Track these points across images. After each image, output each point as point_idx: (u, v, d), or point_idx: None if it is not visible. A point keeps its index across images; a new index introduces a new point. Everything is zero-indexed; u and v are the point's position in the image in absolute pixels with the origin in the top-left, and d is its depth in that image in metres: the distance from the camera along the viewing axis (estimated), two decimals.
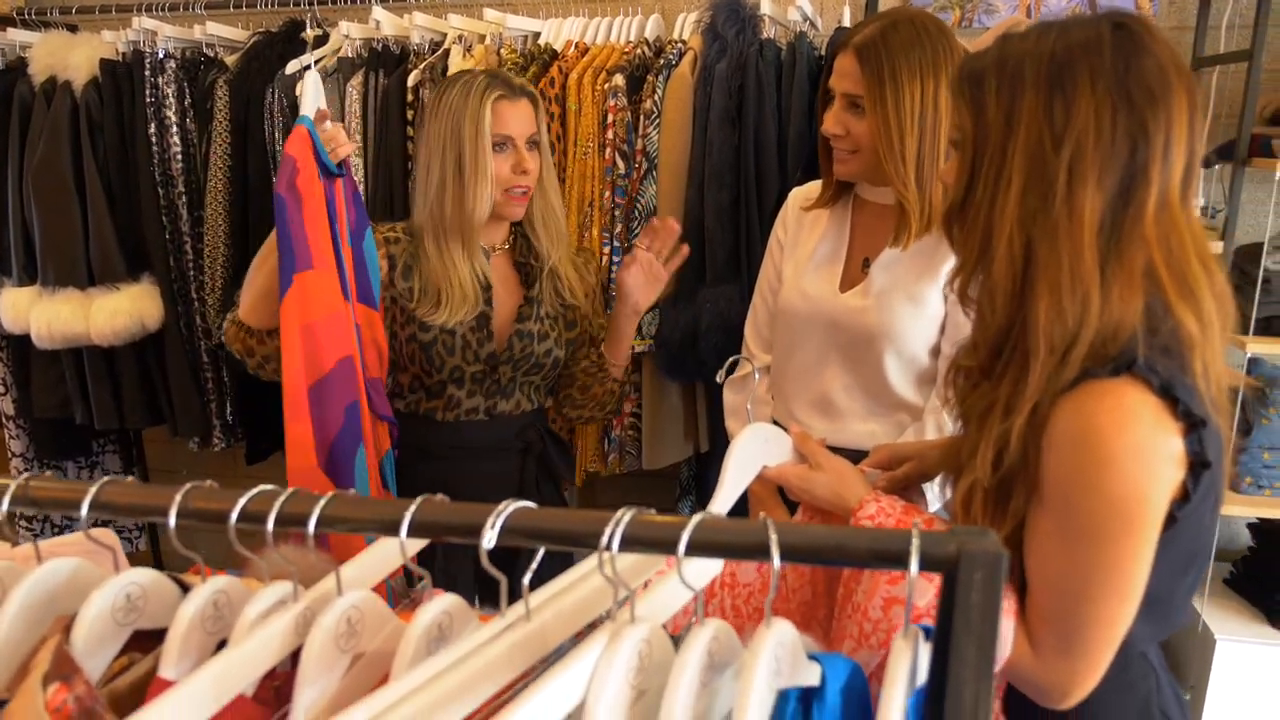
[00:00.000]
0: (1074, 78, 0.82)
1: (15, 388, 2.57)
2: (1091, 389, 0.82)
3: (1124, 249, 0.83)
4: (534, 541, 0.62)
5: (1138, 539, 0.82)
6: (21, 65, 2.36)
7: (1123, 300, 0.83)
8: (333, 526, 0.65)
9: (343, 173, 1.50)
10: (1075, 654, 0.87)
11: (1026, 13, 2.42)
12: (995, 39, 0.90)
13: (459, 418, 1.65)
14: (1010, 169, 0.85)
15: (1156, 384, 0.80)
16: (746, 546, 0.58)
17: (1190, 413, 0.81)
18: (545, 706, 0.56)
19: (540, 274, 1.66)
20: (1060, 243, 0.83)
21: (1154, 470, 0.81)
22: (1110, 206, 0.83)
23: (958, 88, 0.90)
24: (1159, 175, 0.82)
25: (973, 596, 0.55)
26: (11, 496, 0.69)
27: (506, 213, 1.60)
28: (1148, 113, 0.82)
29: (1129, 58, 0.82)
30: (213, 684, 0.61)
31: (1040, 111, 0.83)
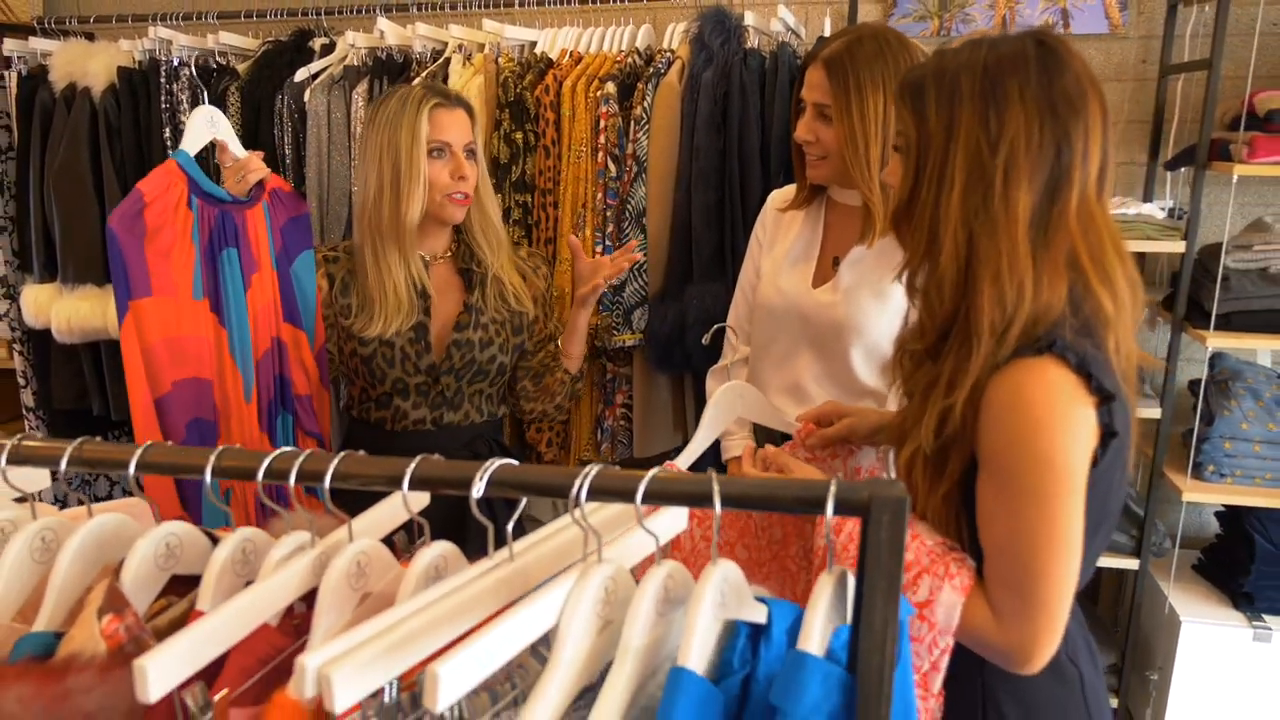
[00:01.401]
0: (1005, 90, 0.94)
1: (36, 380, 2.68)
2: (1020, 365, 0.93)
3: (1051, 240, 0.95)
4: (517, 492, 0.73)
5: (1068, 495, 0.92)
6: (43, 72, 2.47)
7: (1050, 286, 0.94)
8: (346, 481, 0.76)
9: (248, 200, 1.55)
10: (1033, 613, 0.94)
11: (1002, 22, 2.53)
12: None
13: (406, 429, 1.70)
14: (952, 171, 0.96)
15: (1074, 362, 0.92)
16: (693, 495, 0.69)
17: (1102, 388, 0.92)
18: (523, 626, 0.67)
19: (484, 283, 1.71)
20: (999, 237, 0.94)
21: (1074, 434, 0.92)
22: (1039, 204, 0.94)
23: (900, 97, 1.01)
24: (1080, 175, 0.94)
25: (881, 534, 0.66)
26: (69, 457, 0.80)
27: (446, 216, 1.65)
28: (1070, 121, 0.94)
29: (1052, 72, 0.94)
30: (241, 612, 0.72)
31: (977, 120, 0.95)
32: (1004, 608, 0.96)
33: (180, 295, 1.50)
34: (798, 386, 1.60)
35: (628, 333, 2.18)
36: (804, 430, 1.34)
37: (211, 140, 1.64)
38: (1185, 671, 2.31)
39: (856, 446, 1.34)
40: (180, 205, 1.49)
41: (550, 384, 1.78)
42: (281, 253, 1.60)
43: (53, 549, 0.85)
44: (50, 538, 0.85)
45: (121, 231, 1.44)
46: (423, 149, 1.57)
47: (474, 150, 1.66)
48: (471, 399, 1.73)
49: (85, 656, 0.73)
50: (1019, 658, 0.97)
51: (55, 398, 2.64)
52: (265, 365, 1.61)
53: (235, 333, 1.57)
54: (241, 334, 1.57)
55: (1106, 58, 2.49)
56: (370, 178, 1.61)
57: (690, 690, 0.65)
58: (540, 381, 1.78)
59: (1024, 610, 0.95)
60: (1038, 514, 0.93)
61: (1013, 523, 0.94)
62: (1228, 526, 2.45)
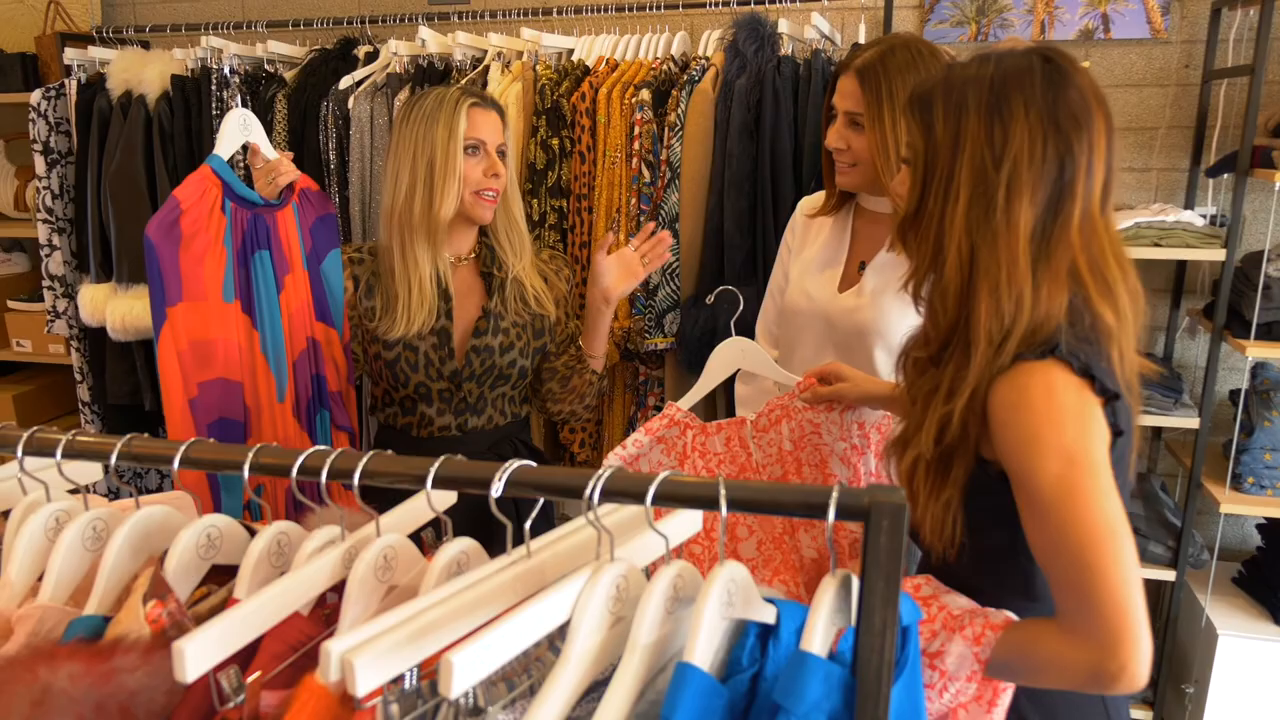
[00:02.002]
0: (1010, 106, 0.96)
1: (91, 376, 2.78)
2: (1023, 368, 0.95)
3: (1052, 253, 0.96)
4: (534, 492, 0.76)
5: (1096, 483, 0.91)
6: (100, 80, 2.56)
7: (1050, 297, 0.96)
8: (375, 479, 0.80)
9: (278, 202, 1.58)
10: (1101, 612, 0.90)
11: (1040, 27, 2.52)
12: (941, 66, 1.04)
13: (432, 434, 1.72)
14: (958, 184, 0.98)
15: (1077, 365, 0.94)
16: (700, 498, 0.72)
17: (1106, 388, 0.94)
18: (536, 620, 0.71)
19: (504, 287, 1.72)
20: (999, 249, 0.96)
21: (1086, 423, 0.92)
22: (1041, 217, 0.96)
23: (909, 110, 1.03)
24: (1083, 190, 0.96)
25: (881, 539, 0.69)
26: (119, 452, 0.86)
27: (476, 214, 1.65)
28: (1074, 136, 0.95)
29: (1056, 88, 0.96)
30: (273, 601, 0.76)
31: (982, 134, 0.97)
32: (1071, 617, 0.93)
33: (209, 299, 1.52)
34: None
35: (660, 336, 2.21)
36: (804, 384, 1.46)
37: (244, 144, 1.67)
38: (1222, 685, 2.28)
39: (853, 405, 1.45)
40: (214, 210, 1.52)
41: (578, 385, 1.80)
42: (312, 252, 1.63)
43: (103, 538, 0.90)
44: (101, 527, 0.91)
45: (158, 239, 1.46)
46: (460, 145, 1.59)
47: (504, 151, 1.68)
48: (494, 403, 1.75)
49: (130, 639, 0.78)
50: (1111, 668, 0.90)
51: (109, 393, 2.74)
52: (302, 364, 1.64)
53: (268, 334, 1.59)
54: (274, 335, 1.60)
55: (1148, 63, 2.46)
56: (403, 173, 1.61)
57: (695, 684, 0.68)
58: (567, 384, 1.79)
59: (1091, 611, 0.91)
60: (1073, 509, 0.91)
61: (1049, 524, 0.93)
62: (1269, 539, 2.41)
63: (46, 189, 2.66)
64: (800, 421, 1.48)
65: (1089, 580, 0.90)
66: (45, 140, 2.63)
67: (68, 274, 2.72)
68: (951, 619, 1.03)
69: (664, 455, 1.51)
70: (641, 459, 1.50)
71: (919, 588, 1.12)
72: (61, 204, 2.68)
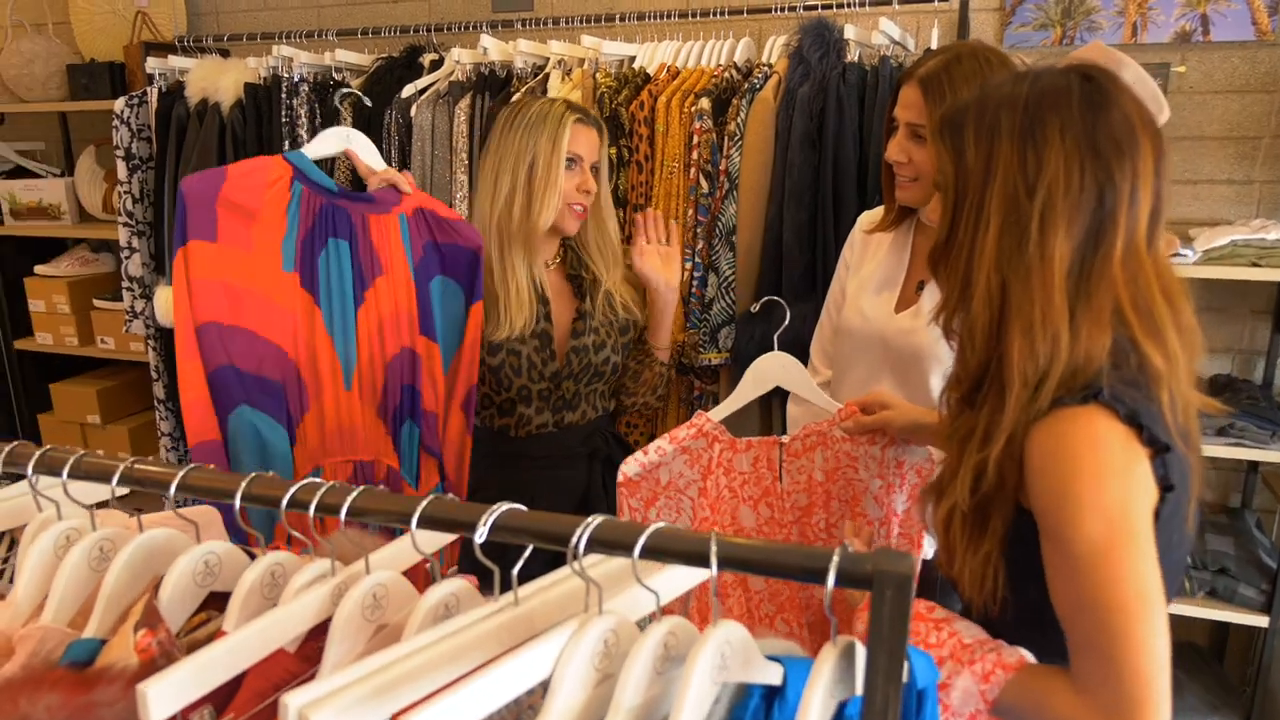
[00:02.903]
0: (1044, 130, 0.88)
1: (166, 374, 2.87)
2: (1062, 415, 0.87)
3: (1093, 290, 0.88)
4: (519, 538, 0.72)
5: (1133, 548, 0.85)
6: (179, 88, 2.64)
7: (1091, 337, 0.88)
8: (363, 516, 0.77)
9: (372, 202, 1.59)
10: (1121, 680, 0.85)
11: (1133, 30, 2.37)
12: (976, 86, 0.96)
13: (530, 433, 1.76)
14: (988, 213, 0.91)
15: (1123, 412, 0.85)
16: (691, 554, 0.67)
17: (1155, 438, 0.85)
18: (514, 676, 0.67)
19: (594, 289, 1.75)
20: (1033, 285, 0.88)
21: (1129, 482, 0.85)
22: (1079, 251, 0.88)
23: (939, 133, 0.96)
24: (1125, 221, 0.88)
25: (885, 610, 0.62)
26: (120, 476, 0.85)
27: (564, 225, 1.69)
28: (1114, 163, 0.87)
29: (1096, 110, 0.88)
30: (255, 637, 0.74)
31: (1015, 160, 0.89)
32: (1088, 680, 0.88)
33: (255, 253, 1.52)
34: None
35: (714, 351, 2.16)
36: (845, 412, 1.38)
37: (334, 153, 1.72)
38: None
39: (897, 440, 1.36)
40: (277, 184, 1.53)
41: (649, 379, 1.83)
42: (420, 268, 1.64)
43: (110, 558, 0.90)
44: (109, 547, 0.90)
45: (189, 188, 1.47)
46: (562, 157, 1.63)
47: (599, 168, 1.72)
48: (588, 398, 1.79)
49: (117, 669, 0.77)
50: None
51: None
52: (394, 370, 1.65)
53: (336, 318, 1.59)
54: (344, 322, 1.60)
55: (1252, 67, 2.29)
56: (503, 178, 1.65)
57: None
58: (639, 378, 1.82)
59: (1112, 679, 0.86)
60: (1102, 573, 0.86)
61: (1077, 582, 0.88)
62: None
63: (127, 193, 2.75)
64: (837, 452, 1.41)
65: (1114, 648, 0.85)
66: (127, 146, 2.72)
67: (145, 275, 2.81)
68: (962, 649, 0.97)
69: (687, 466, 1.46)
70: (662, 467, 1.45)
71: (932, 609, 1.05)
72: (141, 208, 2.77)
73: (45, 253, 3.26)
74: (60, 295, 3.16)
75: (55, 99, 3.06)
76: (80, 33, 3.20)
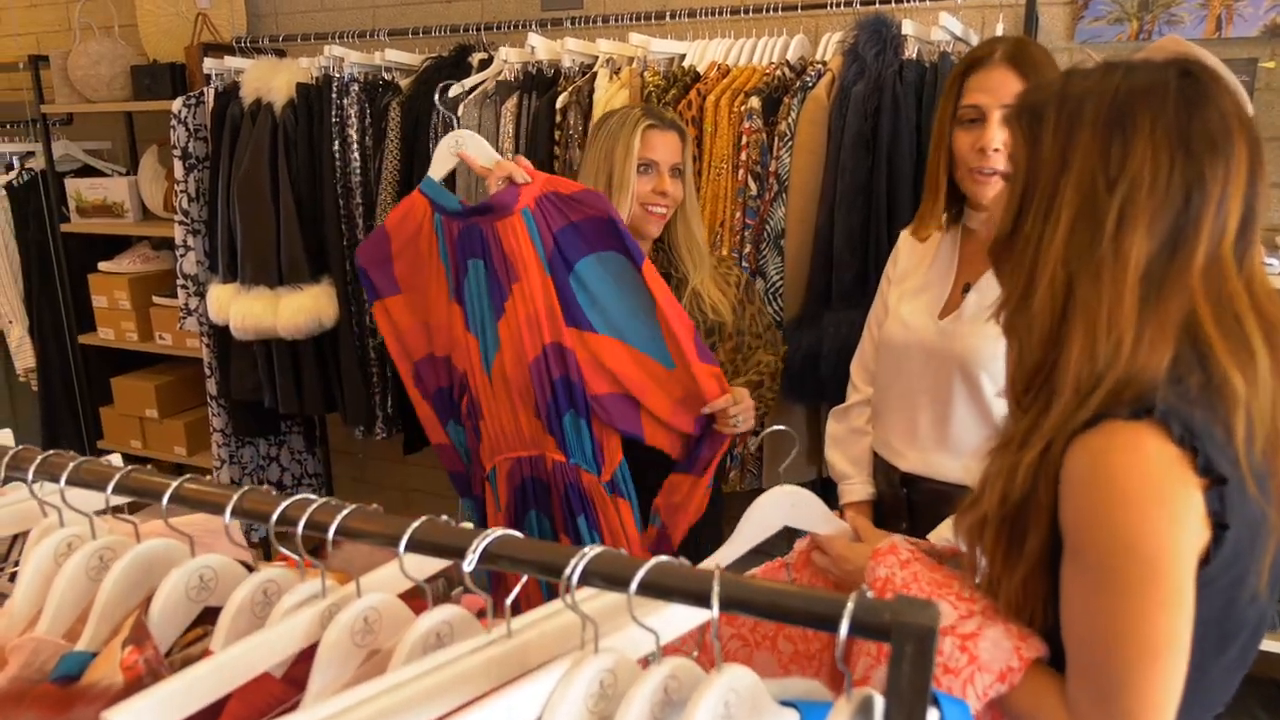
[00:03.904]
0: (1134, 121, 0.82)
1: (218, 371, 2.90)
2: (1107, 429, 0.80)
3: (1165, 298, 0.81)
4: (510, 567, 0.67)
5: (1164, 590, 0.78)
6: (235, 88, 2.66)
7: (1153, 348, 0.81)
8: (351, 535, 0.73)
9: (498, 210, 1.60)
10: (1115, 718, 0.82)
11: (1216, 23, 2.22)
12: (1060, 74, 0.90)
13: None
14: (1061, 205, 0.84)
15: (1177, 432, 0.78)
16: (691, 593, 0.61)
17: (1211, 466, 0.77)
18: (502, 715, 0.62)
19: (682, 289, 1.76)
20: (1103, 284, 0.82)
21: (1174, 516, 0.78)
22: (1157, 253, 0.81)
23: (1015, 118, 0.90)
24: (1211, 227, 0.81)
25: (903, 667, 0.56)
26: (115, 485, 0.82)
27: (644, 228, 1.74)
28: (1206, 162, 0.80)
29: (1192, 106, 0.81)
30: (238, 660, 0.70)
31: (1096, 150, 0.83)
32: (1081, 708, 0.84)
33: (432, 290, 1.72)
34: (919, 430, 1.48)
35: None
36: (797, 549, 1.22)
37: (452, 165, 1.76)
38: None
39: None
40: (423, 231, 1.68)
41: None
42: (556, 257, 1.64)
43: (109, 567, 0.87)
44: (109, 556, 0.88)
45: (365, 263, 1.72)
46: (633, 163, 1.70)
47: (681, 170, 1.75)
48: None
49: (100, 687, 0.74)
50: None
51: (232, 389, 2.85)
52: (538, 369, 1.67)
53: (483, 335, 1.70)
54: (488, 338, 1.69)
55: None
56: (588, 184, 1.72)
57: None
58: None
59: (1105, 709, 0.82)
60: (1122, 608, 0.80)
61: (1092, 612, 0.82)
62: None
63: (183, 192, 2.79)
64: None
65: (1112, 690, 0.81)
66: (184, 146, 2.76)
67: (200, 273, 2.84)
68: (993, 611, 0.91)
69: None
70: None
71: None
72: (197, 207, 2.81)
73: (109, 250, 3.33)
74: (121, 291, 3.22)
75: (120, 99, 3.12)
76: (146, 34, 3.26)
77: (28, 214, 3.30)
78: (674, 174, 1.74)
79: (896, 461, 1.55)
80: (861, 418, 1.67)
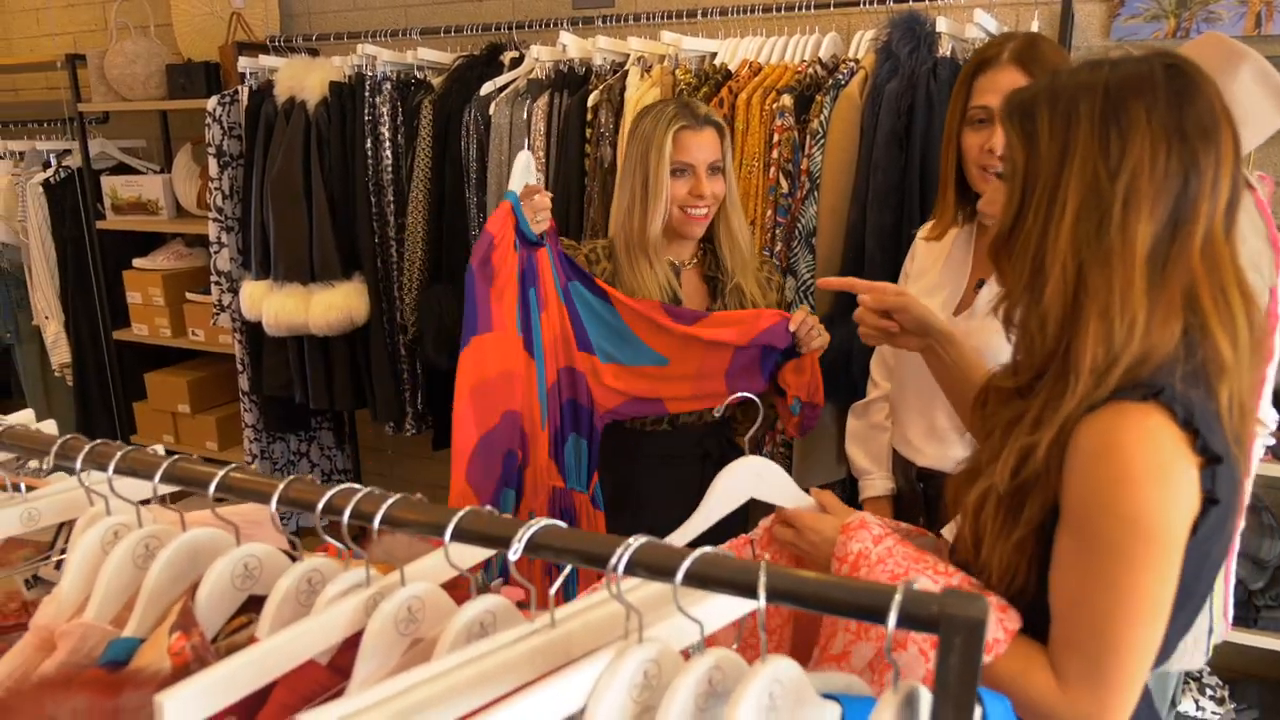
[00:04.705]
0: (1129, 113, 0.86)
1: (250, 367, 2.93)
2: (1117, 409, 0.85)
3: (1169, 276, 0.86)
4: (555, 556, 0.67)
5: (1159, 560, 0.84)
6: (269, 87, 2.69)
7: (1164, 324, 0.86)
8: (396, 525, 0.73)
9: (543, 241, 1.63)
10: (1104, 683, 0.87)
11: (1256, 20, 2.19)
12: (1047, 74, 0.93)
13: (644, 427, 1.78)
14: (1064, 197, 0.88)
15: (1181, 415, 0.83)
16: (738, 584, 0.61)
17: (1208, 448, 0.84)
18: (545, 706, 0.62)
19: (725, 288, 1.76)
20: (1113, 269, 0.86)
21: (1174, 492, 0.84)
22: (1159, 236, 0.86)
23: (1008, 118, 0.93)
24: (1207, 208, 0.86)
25: (951, 660, 0.56)
26: (163, 474, 0.83)
27: (685, 230, 1.72)
28: (1200, 148, 0.85)
29: (1183, 97, 0.86)
30: (283, 648, 0.71)
31: (1095, 144, 0.87)
32: (1070, 673, 0.88)
33: (507, 331, 1.62)
34: (936, 424, 1.50)
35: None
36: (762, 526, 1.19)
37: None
38: None
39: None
40: (511, 247, 1.61)
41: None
42: (566, 285, 1.69)
43: (155, 556, 0.89)
44: (155, 545, 0.89)
45: (479, 274, 1.57)
46: (666, 168, 1.66)
47: (720, 167, 1.71)
48: None
49: (148, 672, 0.75)
50: None
51: (265, 385, 2.88)
52: (553, 395, 1.70)
53: (540, 365, 1.67)
54: (541, 366, 1.68)
55: None
56: (624, 190, 1.73)
57: None
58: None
59: (1093, 678, 0.87)
60: (1120, 579, 0.85)
61: (1090, 582, 0.87)
62: None
63: (218, 189, 2.82)
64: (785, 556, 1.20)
65: (1103, 652, 0.86)
66: (219, 143, 2.79)
67: (233, 270, 2.87)
68: (971, 586, 0.95)
69: None
70: None
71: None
72: (231, 204, 2.84)
73: (143, 247, 3.37)
74: (156, 288, 3.27)
75: (155, 98, 3.17)
76: (181, 33, 3.30)
77: (64, 211, 3.36)
78: (712, 172, 1.70)
79: (914, 457, 1.58)
80: (880, 413, 1.69)
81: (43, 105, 3.78)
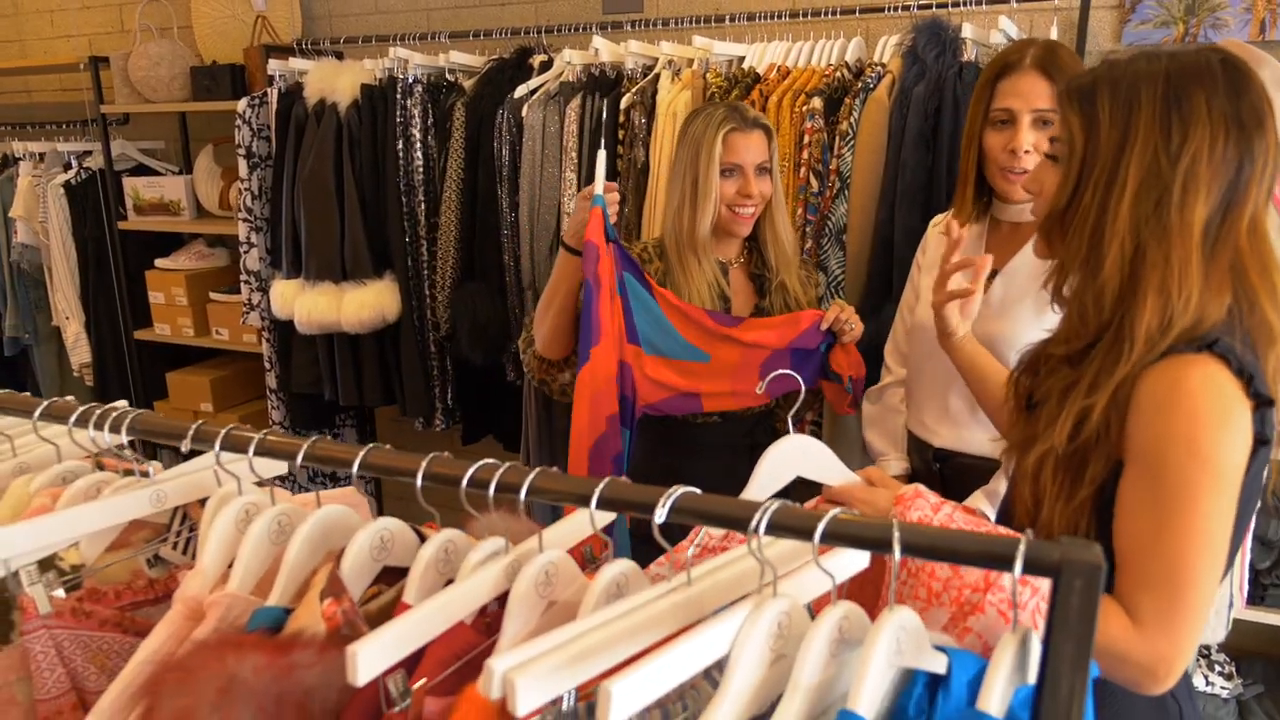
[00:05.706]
0: (1190, 100, 0.93)
1: (278, 365, 2.99)
2: (1178, 361, 0.92)
3: (1219, 253, 0.94)
4: (697, 520, 0.75)
5: (1224, 497, 0.91)
6: (298, 89, 2.74)
7: (1215, 296, 0.94)
8: (540, 495, 0.81)
9: (617, 238, 1.70)
10: (1178, 617, 0.91)
11: (1260, 26, 2.29)
12: (1101, 59, 1.00)
13: (694, 419, 1.84)
14: (1124, 178, 0.94)
15: (1234, 364, 0.91)
16: (872, 540, 0.69)
17: (1260, 392, 0.91)
18: (695, 652, 0.69)
19: (770, 285, 1.84)
20: (1172, 247, 0.93)
21: (1235, 433, 0.91)
22: (1212, 216, 0.94)
23: (1066, 101, 1.00)
24: (1256, 191, 0.94)
25: (1072, 600, 0.63)
26: (305, 454, 0.90)
27: (733, 229, 1.79)
28: (1255, 137, 0.93)
29: (1239, 87, 0.93)
30: (440, 610, 0.78)
31: (1157, 128, 0.93)
32: (1146, 613, 0.93)
33: (612, 337, 1.68)
34: (951, 408, 1.60)
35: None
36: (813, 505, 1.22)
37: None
38: None
39: None
40: (607, 251, 1.67)
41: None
42: (621, 276, 1.74)
43: (287, 531, 0.95)
44: (285, 521, 0.96)
45: (594, 285, 1.64)
46: (716, 168, 1.72)
47: (767, 169, 1.77)
48: None
49: (307, 634, 0.82)
50: (1161, 670, 0.93)
51: (294, 382, 2.93)
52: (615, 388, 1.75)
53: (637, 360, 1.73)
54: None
55: None
56: (674, 190, 1.79)
57: None
58: None
59: (1170, 613, 0.92)
60: (1192, 516, 0.91)
61: (1162, 520, 0.92)
62: None
63: (247, 190, 2.87)
64: None
65: (1177, 585, 0.91)
66: (248, 145, 2.84)
67: (262, 269, 2.92)
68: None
69: None
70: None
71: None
72: (260, 204, 2.89)
73: (165, 247, 3.42)
74: (178, 288, 3.31)
75: (178, 100, 3.21)
76: (201, 36, 3.35)
77: (85, 211, 3.39)
78: (760, 173, 1.76)
79: (929, 439, 1.66)
80: (895, 397, 1.78)
81: (62, 107, 3.81)
